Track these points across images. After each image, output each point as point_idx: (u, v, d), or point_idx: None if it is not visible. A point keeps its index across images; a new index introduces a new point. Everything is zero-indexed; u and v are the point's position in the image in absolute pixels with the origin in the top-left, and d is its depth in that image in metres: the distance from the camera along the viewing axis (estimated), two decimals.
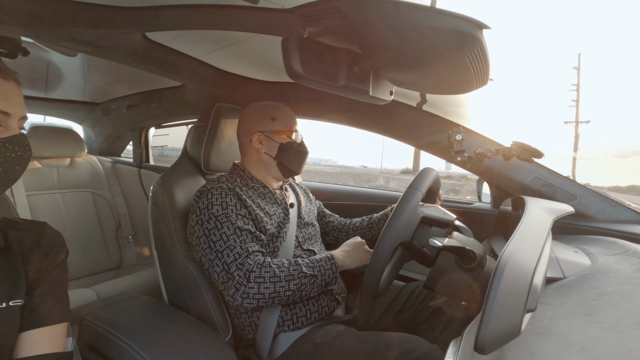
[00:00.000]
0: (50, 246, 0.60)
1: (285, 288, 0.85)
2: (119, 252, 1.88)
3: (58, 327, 0.59)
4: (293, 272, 0.86)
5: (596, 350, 0.45)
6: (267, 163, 1.05)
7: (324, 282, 0.90)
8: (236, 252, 0.86)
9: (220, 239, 0.88)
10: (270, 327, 0.92)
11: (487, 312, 0.44)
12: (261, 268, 0.84)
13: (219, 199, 0.93)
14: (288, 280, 0.85)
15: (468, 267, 0.72)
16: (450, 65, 0.63)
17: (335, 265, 0.91)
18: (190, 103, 1.57)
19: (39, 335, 0.56)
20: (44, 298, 0.58)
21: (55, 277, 0.60)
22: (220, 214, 0.90)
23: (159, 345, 0.79)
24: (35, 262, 0.58)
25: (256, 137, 1.04)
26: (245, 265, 0.84)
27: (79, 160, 1.83)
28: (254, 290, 0.82)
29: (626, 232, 1.03)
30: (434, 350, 0.79)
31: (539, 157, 1.02)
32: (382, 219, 1.19)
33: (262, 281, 0.83)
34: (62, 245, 0.62)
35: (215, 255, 0.87)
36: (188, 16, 0.77)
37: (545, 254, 0.56)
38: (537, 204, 0.77)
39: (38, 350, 0.56)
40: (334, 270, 0.91)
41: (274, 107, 1.06)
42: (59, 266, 0.61)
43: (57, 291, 0.60)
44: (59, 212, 1.67)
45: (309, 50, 0.65)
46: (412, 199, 0.77)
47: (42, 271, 0.59)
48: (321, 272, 0.90)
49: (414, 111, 1.22)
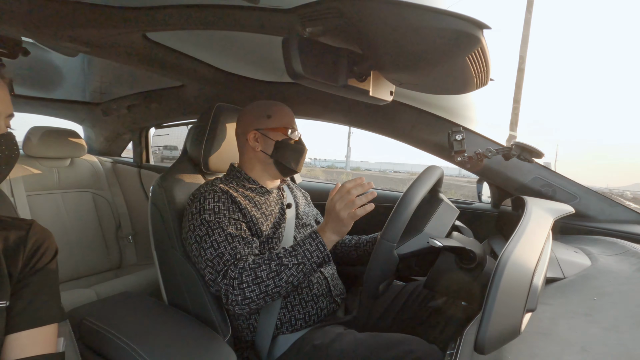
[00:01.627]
0: (38, 245, 0.58)
1: (272, 286, 0.82)
2: (119, 252, 1.88)
3: (48, 327, 0.56)
4: (275, 268, 0.82)
5: (596, 351, 0.45)
6: (264, 161, 1.04)
7: (315, 264, 0.84)
8: (225, 260, 0.85)
9: (211, 246, 0.87)
10: (269, 329, 0.91)
11: (487, 312, 0.44)
12: (242, 273, 0.82)
13: (211, 203, 0.92)
14: (272, 278, 0.82)
15: (468, 267, 0.72)
16: (451, 65, 0.63)
17: (322, 244, 0.83)
18: (190, 103, 1.57)
19: (29, 337, 0.54)
20: (33, 298, 0.55)
21: (44, 276, 0.58)
22: (212, 219, 0.89)
23: (159, 346, 0.79)
24: (21, 262, 0.55)
25: (252, 135, 1.02)
26: (228, 273, 0.83)
27: (79, 161, 1.83)
28: (240, 297, 0.81)
29: (626, 232, 1.03)
30: (433, 351, 0.79)
31: (539, 157, 1.02)
32: (370, 241, 1.15)
33: (245, 286, 0.81)
34: (50, 243, 0.60)
35: (206, 264, 0.87)
36: (188, 16, 0.77)
37: (545, 254, 0.56)
38: (537, 204, 0.77)
39: (27, 352, 0.53)
40: (322, 250, 0.83)
41: (269, 105, 1.05)
42: (48, 264, 0.59)
43: (46, 291, 0.57)
44: (59, 213, 1.67)
45: (309, 50, 0.65)
46: (383, 251, 0.74)
47: (30, 271, 0.56)
48: (307, 257, 0.83)
49: (414, 111, 1.22)
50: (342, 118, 1.36)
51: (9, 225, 0.58)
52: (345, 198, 0.81)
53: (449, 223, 0.85)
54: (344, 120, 1.38)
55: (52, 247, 0.60)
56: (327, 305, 0.99)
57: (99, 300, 1.00)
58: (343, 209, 0.81)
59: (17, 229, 0.58)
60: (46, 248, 0.59)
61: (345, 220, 0.81)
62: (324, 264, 0.85)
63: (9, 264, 0.54)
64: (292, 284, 0.84)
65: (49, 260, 0.59)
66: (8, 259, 0.54)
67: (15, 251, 0.55)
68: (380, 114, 1.26)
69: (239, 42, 1.01)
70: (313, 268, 0.84)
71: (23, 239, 0.57)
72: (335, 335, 0.87)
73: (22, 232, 0.57)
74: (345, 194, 0.81)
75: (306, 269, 0.83)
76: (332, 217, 0.83)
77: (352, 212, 0.80)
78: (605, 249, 0.85)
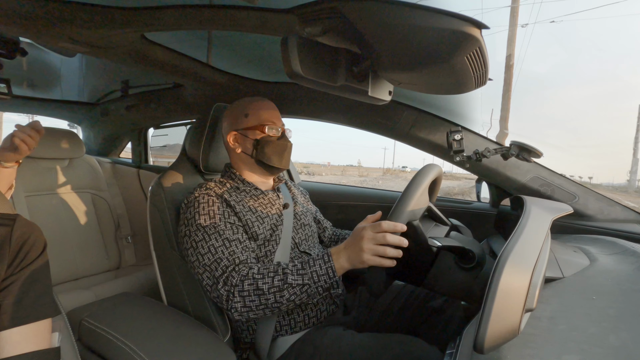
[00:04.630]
0: (23, 239, 0.56)
1: (272, 300, 0.78)
2: (118, 253, 1.88)
3: (41, 323, 0.55)
4: (278, 284, 0.78)
5: (595, 351, 0.45)
6: (247, 162, 1.02)
7: (321, 288, 0.79)
8: (223, 265, 0.83)
9: (208, 251, 0.85)
10: (268, 331, 0.91)
11: (486, 312, 0.44)
12: (244, 281, 0.80)
13: (205, 208, 0.90)
14: (273, 293, 0.78)
15: (467, 266, 0.72)
16: (449, 65, 0.63)
17: (332, 269, 0.77)
18: (188, 103, 1.57)
19: (20, 333, 0.53)
20: (23, 295, 0.54)
21: (33, 272, 0.56)
22: (207, 225, 0.88)
23: (158, 346, 0.79)
24: (5, 259, 0.53)
25: (231, 137, 1.01)
26: (229, 280, 0.81)
27: (77, 161, 1.82)
28: (240, 304, 0.79)
29: (625, 231, 1.03)
30: (433, 351, 0.79)
31: (538, 156, 1.02)
32: None
33: (246, 294, 0.79)
34: (37, 237, 0.58)
35: (204, 269, 0.85)
36: (187, 16, 0.77)
37: (544, 253, 0.56)
38: (536, 203, 0.77)
39: (20, 349, 0.52)
40: (331, 275, 0.77)
41: (247, 103, 1.02)
42: (37, 259, 0.57)
43: (36, 287, 0.56)
44: (57, 213, 1.67)
45: (307, 50, 0.65)
46: None
47: (17, 267, 0.55)
48: (314, 279, 0.78)
49: (413, 111, 1.22)
50: (341, 118, 1.36)
51: None
52: (379, 234, 0.72)
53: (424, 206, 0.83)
54: (344, 120, 1.38)
55: (40, 241, 0.58)
56: (327, 307, 0.98)
57: (98, 301, 1.00)
58: (370, 241, 0.73)
59: (1, 225, 0.55)
60: (33, 243, 0.57)
61: (365, 251, 0.73)
62: (331, 289, 0.80)
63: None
64: (294, 303, 0.80)
65: (37, 255, 0.57)
66: None
67: (0, 248, 0.54)
68: (379, 114, 1.26)
69: (238, 42, 1.01)
70: (318, 291, 0.79)
71: (7, 234, 0.55)
72: (335, 336, 0.87)
73: (5, 228, 0.55)
74: (380, 230, 0.72)
75: (311, 291, 0.79)
76: (355, 242, 0.76)
77: (376, 250, 0.72)
78: (604, 248, 0.85)
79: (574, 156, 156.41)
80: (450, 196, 2.48)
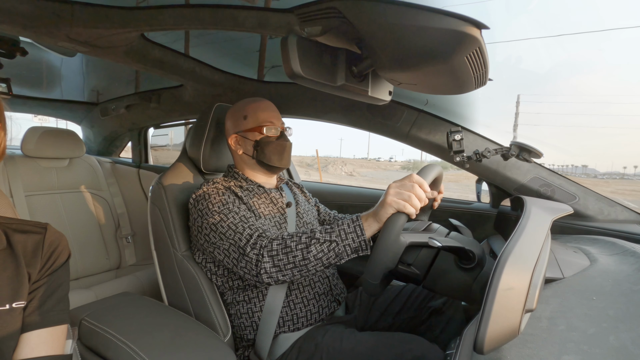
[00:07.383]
0: (53, 248, 0.60)
1: (300, 257, 0.77)
2: (118, 253, 1.88)
3: (58, 329, 0.58)
4: (305, 240, 0.78)
5: (595, 351, 0.45)
6: (249, 163, 1.05)
7: (348, 247, 0.76)
8: (247, 234, 0.84)
9: (229, 228, 0.86)
10: (271, 327, 0.92)
11: (486, 312, 0.44)
12: (272, 241, 0.81)
13: (216, 198, 0.92)
14: (301, 249, 0.77)
15: (467, 267, 0.72)
16: (449, 65, 0.63)
17: (360, 227, 0.76)
18: (189, 103, 1.57)
19: (39, 337, 0.56)
20: (45, 300, 0.57)
21: (56, 279, 0.60)
22: (222, 209, 0.90)
23: (158, 346, 0.79)
24: (37, 264, 0.58)
25: (233, 139, 1.04)
26: (258, 242, 0.82)
27: (77, 161, 1.82)
28: (269, 264, 0.79)
29: (625, 231, 1.03)
30: (434, 350, 0.79)
31: (538, 157, 1.02)
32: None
33: (275, 254, 0.79)
34: (64, 246, 0.62)
35: (229, 244, 0.85)
36: (187, 16, 0.77)
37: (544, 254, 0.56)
38: (536, 203, 0.77)
39: (37, 352, 0.55)
40: (359, 234, 0.75)
41: (245, 105, 1.04)
42: (61, 268, 0.61)
43: (58, 293, 0.60)
44: (58, 213, 1.67)
45: (307, 50, 0.65)
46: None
47: (44, 273, 0.59)
48: (341, 237, 0.76)
49: (413, 111, 1.22)
50: (341, 118, 1.36)
51: (25, 229, 0.60)
52: (407, 182, 0.73)
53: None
54: (344, 120, 1.38)
55: (66, 250, 0.63)
56: (329, 303, 0.99)
57: (98, 301, 1.00)
58: (397, 187, 0.73)
59: (34, 232, 0.60)
60: (61, 251, 0.61)
61: (389, 194, 0.73)
62: (359, 250, 0.77)
63: (28, 266, 0.57)
64: (322, 262, 0.78)
65: (62, 262, 0.61)
66: (27, 262, 0.57)
67: (34, 254, 0.58)
68: (379, 114, 1.26)
69: (238, 42, 1.01)
70: (346, 251, 0.77)
71: (40, 242, 0.59)
72: (336, 334, 0.88)
73: (39, 236, 0.60)
74: (409, 183, 0.73)
75: (338, 250, 0.76)
76: (382, 198, 0.74)
77: (401, 194, 0.71)
78: (604, 248, 0.85)
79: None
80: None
